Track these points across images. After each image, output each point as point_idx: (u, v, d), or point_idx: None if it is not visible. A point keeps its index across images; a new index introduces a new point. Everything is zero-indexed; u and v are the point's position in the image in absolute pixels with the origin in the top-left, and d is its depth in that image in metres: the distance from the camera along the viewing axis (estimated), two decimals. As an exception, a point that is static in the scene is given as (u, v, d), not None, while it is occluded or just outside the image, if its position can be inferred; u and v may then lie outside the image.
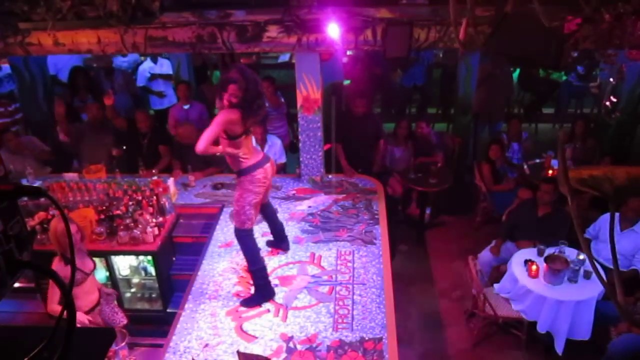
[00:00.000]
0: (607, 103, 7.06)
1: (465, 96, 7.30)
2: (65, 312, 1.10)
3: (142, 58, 8.77)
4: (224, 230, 4.92)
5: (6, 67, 7.52)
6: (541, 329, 4.51)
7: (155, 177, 5.35)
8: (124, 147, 6.18)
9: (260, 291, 4.07)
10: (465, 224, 6.77)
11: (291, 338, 3.69)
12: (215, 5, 4.86)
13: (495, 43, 2.28)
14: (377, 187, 5.57)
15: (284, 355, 3.55)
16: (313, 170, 5.69)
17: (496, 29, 2.16)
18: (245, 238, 4.03)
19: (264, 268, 4.10)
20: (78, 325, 3.68)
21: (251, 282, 4.18)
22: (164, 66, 8.05)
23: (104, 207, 4.93)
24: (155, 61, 7.97)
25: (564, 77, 9.10)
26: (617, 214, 4.98)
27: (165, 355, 3.58)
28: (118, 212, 4.83)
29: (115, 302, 4.29)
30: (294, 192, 5.51)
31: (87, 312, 3.92)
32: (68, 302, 1.10)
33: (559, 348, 4.49)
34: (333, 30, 4.62)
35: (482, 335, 5.05)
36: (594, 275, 4.57)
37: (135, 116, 6.34)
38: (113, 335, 1.67)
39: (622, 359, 4.14)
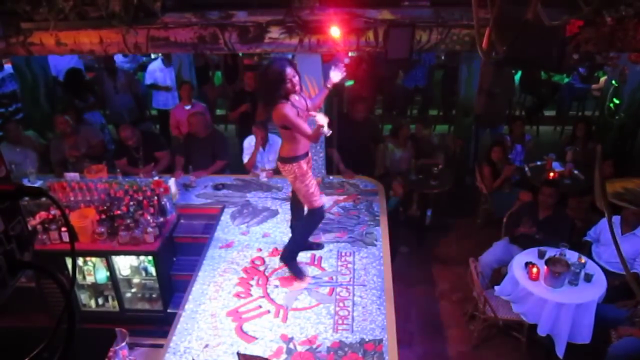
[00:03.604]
0: (611, 105, 7.07)
1: (466, 98, 7.31)
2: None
3: (145, 59, 8.79)
4: (225, 231, 4.92)
5: (8, 67, 7.54)
6: (542, 332, 4.50)
7: (156, 178, 5.35)
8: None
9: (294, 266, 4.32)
10: (466, 226, 6.76)
11: (291, 339, 3.68)
12: (217, 5, 4.87)
13: (517, 50, 2.28)
14: (378, 188, 5.57)
15: (284, 356, 3.54)
16: (314, 171, 5.67)
17: (517, 37, 2.17)
18: (318, 216, 4.26)
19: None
20: None
21: (250, 281, 4.21)
22: (173, 71, 8.04)
23: (105, 207, 4.93)
24: (167, 65, 7.92)
25: (566, 80, 9.09)
26: (617, 217, 4.98)
27: (165, 356, 3.58)
28: (119, 212, 4.83)
29: None
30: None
31: None
32: (68, 303, 1.10)
33: (560, 351, 4.48)
34: (335, 31, 4.63)
35: (482, 337, 5.05)
36: (594, 278, 4.57)
37: (120, 134, 6.13)
38: (113, 336, 1.67)
39: (623, 362, 4.15)
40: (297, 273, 4.27)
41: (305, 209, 4.33)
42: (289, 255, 4.34)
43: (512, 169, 6.40)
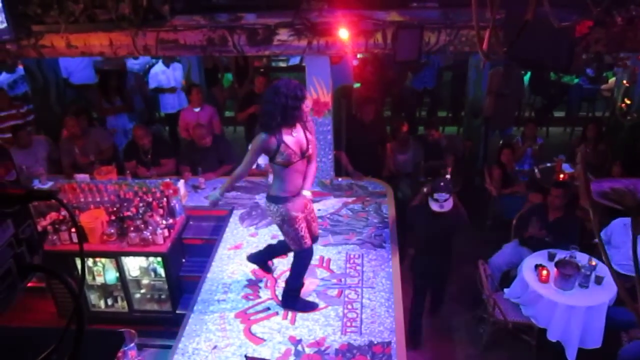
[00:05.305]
0: (622, 105, 7.00)
1: (475, 99, 7.27)
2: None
3: (154, 61, 8.83)
4: (234, 233, 4.93)
5: (20, 69, 7.61)
6: (552, 337, 4.45)
7: (166, 179, 5.38)
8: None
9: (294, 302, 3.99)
10: (475, 228, 6.71)
11: (299, 341, 3.68)
12: (226, 8, 4.89)
13: (517, 51, 2.27)
14: (386, 190, 5.56)
15: (292, 358, 3.54)
16: (323, 173, 5.69)
17: (517, 37, 2.16)
18: (308, 257, 3.91)
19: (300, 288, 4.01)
20: None
21: (259, 283, 4.20)
22: (177, 70, 8.07)
23: (115, 209, 4.97)
24: (167, 65, 7.96)
25: (575, 80, 9.03)
26: (628, 219, 4.92)
27: (174, 357, 3.59)
28: (128, 213, 4.86)
29: None
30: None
31: None
32: (78, 306, 1.11)
33: (571, 357, 4.43)
34: (343, 33, 4.63)
35: (491, 340, 5.02)
36: (605, 280, 4.52)
37: (134, 132, 6.17)
38: (122, 339, 1.68)
39: (634, 365, 4.10)
40: (306, 308, 3.96)
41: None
42: (291, 300, 3.98)
43: (523, 185, 6.38)
